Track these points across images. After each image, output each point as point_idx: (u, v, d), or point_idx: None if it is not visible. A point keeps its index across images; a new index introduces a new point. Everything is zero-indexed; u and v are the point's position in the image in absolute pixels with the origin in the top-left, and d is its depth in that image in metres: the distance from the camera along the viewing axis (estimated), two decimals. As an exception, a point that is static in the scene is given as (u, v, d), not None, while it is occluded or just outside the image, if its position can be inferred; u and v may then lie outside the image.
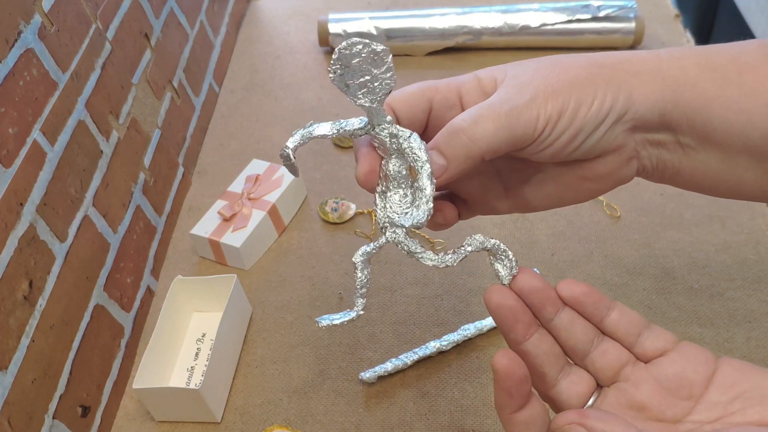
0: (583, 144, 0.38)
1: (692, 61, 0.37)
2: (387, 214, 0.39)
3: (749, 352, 0.56)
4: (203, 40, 0.90)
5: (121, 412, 0.59)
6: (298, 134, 0.38)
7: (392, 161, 0.38)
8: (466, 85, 0.40)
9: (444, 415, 0.55)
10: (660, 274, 0.62)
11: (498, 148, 0.37)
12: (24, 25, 0.52)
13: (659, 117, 0.37)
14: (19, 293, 0.48)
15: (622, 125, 0.38)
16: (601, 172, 0.40)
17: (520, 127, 0.36)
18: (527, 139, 0.37)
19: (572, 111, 0.37)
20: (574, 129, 0.37)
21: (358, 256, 0.40)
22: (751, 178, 0.38)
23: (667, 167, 0.40)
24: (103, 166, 0.61)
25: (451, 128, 0.37)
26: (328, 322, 0.41)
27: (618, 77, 0.37)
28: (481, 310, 0.61)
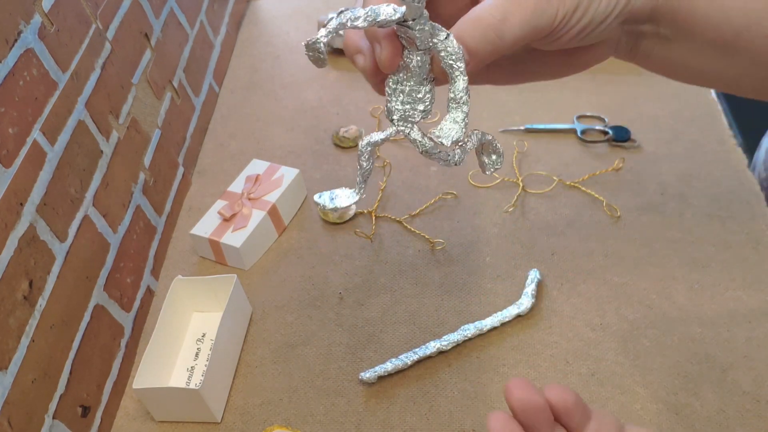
0: (587, 37, 0.39)
1: None
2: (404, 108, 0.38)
3: (749, 352, 0.56)
4: (203, 40, 0.89)
5: (121, 412, 0.59)
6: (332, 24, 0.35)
7: (417, 55, 0.36)
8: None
9: (444, 415, 0.55)
10: (660, 274, 0.62)
11: (522, 41, 0.37)
12: (24, 25, 0.52)
13: (650, 11, 0.40)
14: (19, 293, 0.48)
15: (620, 18, 0.39)
16: (585, 59, 0.43)
17: (543, 22, 0.37)
18: (545, 32, 0.38)
19: (585, 5, 0.38)
20: (585, 21, 0.38)
21: (365, 145, 0.39)
22: (713, 68, 0.41)
23: (639, 52, 0.43)
24: (103, 166, 0.61)
25: (478, 21, 0.36)
26: (332, 204, 0.40)
27: None
28: (481, 310, 0.61)
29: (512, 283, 0.63)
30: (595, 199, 0.70)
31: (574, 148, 0.76)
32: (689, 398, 0.53)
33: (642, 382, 0.55)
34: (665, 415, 0.52)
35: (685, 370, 0.55)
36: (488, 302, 0.62)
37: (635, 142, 0.75)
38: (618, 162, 0.72)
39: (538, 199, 0.71)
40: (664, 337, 0.58)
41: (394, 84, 0.38)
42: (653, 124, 0.77)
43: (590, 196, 0.70)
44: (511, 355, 0.58)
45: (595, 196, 0.70)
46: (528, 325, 0.60)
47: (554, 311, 0.61)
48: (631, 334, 0.58)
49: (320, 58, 0.35)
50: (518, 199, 0.71)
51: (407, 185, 0.74)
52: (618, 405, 0.53)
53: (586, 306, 0.61)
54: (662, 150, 0.74)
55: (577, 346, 0.58)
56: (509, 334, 0.59)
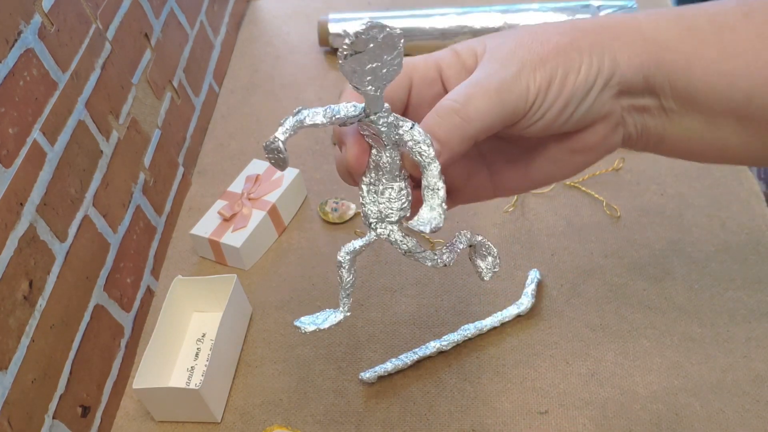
0: (574, 113, 0.37)
1: (671, 23, 0.37)
2: (380, 209, 0.36)
3: (749, 352, 0.56)
4: (203, 40, 0.90)
5: (121, 412, 0.59)
6: (288, 123, 0.34)
7: (386, 152, 0.35)
8: (444, 60, 0.39)
9: (444, 415, 0.55)
10: (660, 274, 0.62)
11: (492, 125, 0.36)
12: (24, 25, 0.52)
13: (643, 80, 0.37)
14: (19, 293, 0.48)
15: (609, 90, 0.37)
16: (590, 142, 0.39)
17: (512, 101, 0.35)
18: (519, 113, 0.36)
19: (561, 79, 0.36)
20: (565, 97, 0.36)
21: (344, 255, 0.37)
22: (735, 141, 0.38)
23: (651, 134, 0.40)
24: (103, 166, 0.61)
25: (441, 109, 0.36)
26: (313, 327, 0.38)
27: (600, 42, 0.37)
28: (481, 310, 0.61)
29: (512, 283, 0.63)
30: (595, 199, 0.70)
31: (574, 148, 0.76)
32: (689, 398, 0.53)
33: (642, 382, 0.55)
34: (665, 415, 0.52)
35: (684, 370, 0.55)
36: (488, 302, 0.62)
37: (635, 142, 0.75)
38: (618, 162, 0.72)
39: (537, 200, 0.71)
40: (664, 337, 0.57)
41: (366, 186, 0.37)
42: (653, 124, 0.77)
43: (590, 196, 0.70)
44: (511, 355, 0.58)
45: (595, 196, 0.70)
46: (528, 325, 0.60)
47: (554, 311, 0.61)
48: (631, 334, 0.58)
49: (281, 159, 0.33)
50: (518, 199, 0.71)
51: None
52: (618, 405, 0.53)
53: (586, 306, 0.61)
54: (662, 150, 0.74)
55: (577, 346, 0.58)
56: (509, 334, 0.59)
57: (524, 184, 0.42)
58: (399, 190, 0.36)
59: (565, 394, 0.55)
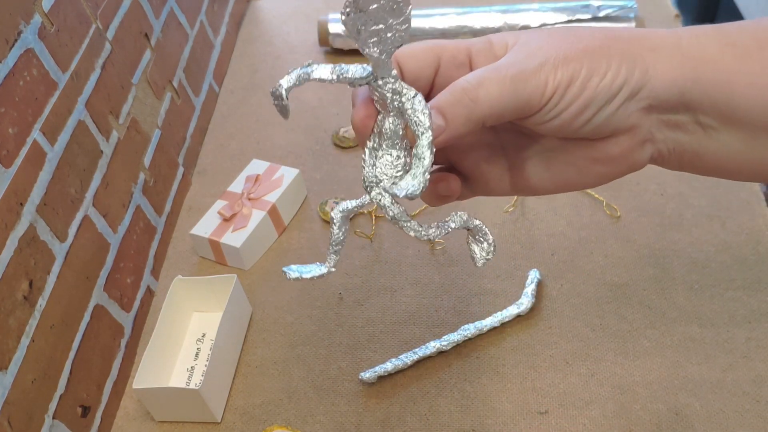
0: (593, 118, 0.36)
1: (711, 38, 0.36)
2: (376, 174, 0.37)
3: (749, 352, 0.56)
4: (203, 40, 0.90)
5: (121, 412, 0.59)
6: (295, 73, 0.35)
7: (389, 119, 0.36)
8: (476, 45, 0.39)
9: (444, 415, 0.55)
10: (660, 274, 0.62)
11: (501, 112, 0.36)
12: (24, 25, 0.52)
13: (678, 96, 0.36)
14: (19, 293, 0.48)
15: (636, 103, 0.36)
16: (612, 153, 0.39)
17: (527, 92, 0.35)
18: (533, 106, 0.36)
19: (583, 80, 0.35)
20: (584, 100, 0.35)
21: (337, 212, 0.38)
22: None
23: (686, 151, 0.38)
24: (103, 166, 0.61)
25: (453, 88, 0.36)
26: (297, 274, 0.39)
27: (634, 51, 0.36)
28: (481, 310, 0.61)
29: (512, 283, 0.63)
30: (595, 199, 0.70)
31: (574, 148, 0.76)
32: (689, 398, 0.53)
33: (642, 382, 0.55)
34: (665, 415, 0.52)
35: (685, 370, 0.55)
36: (488, 302, 0.62)
37: (635, 142, 0.75)
38: (618, 162, 0.72)
39: (537, 199, 0.71)
40: (664, 337, 0.58)
41: (368, 150, 0.37)
42: (653, 124, 0.77)
43: (590, 196, 0.70)
44: (511, 355, 0.58)
45: (595, 196, 0.70)
46: (528, 325, 0.60)
47: (554, 311, 0.61)
48: (631, 334, 0.58)
49: (282, 106, 0.35)
50: (518, 199, 0.71)
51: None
52: (618, 405, 0.53)
53: (586, 306, 0.61)
54: (662, 150, 0.74)
55: (577, 347, 0.58)
56: (509, 334, 0.59)
57: (542, 185, 0.42)
58: (396, 157, 0.37)
59: (565, 394, 0.55)
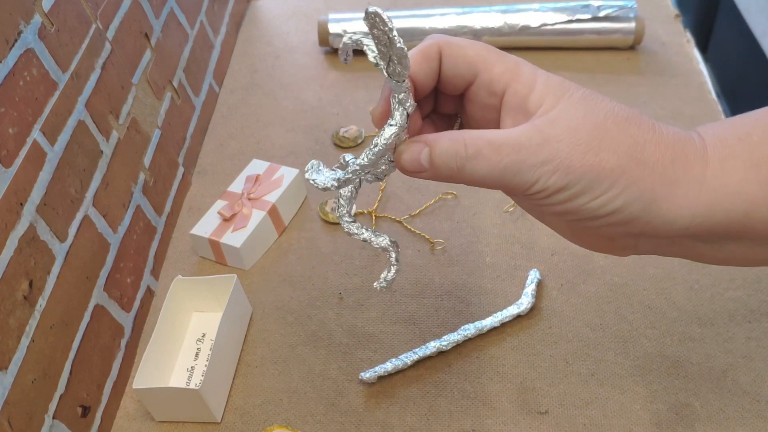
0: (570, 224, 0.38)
1: (736, 160, 0.34)
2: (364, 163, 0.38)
3: (749, 352, 0.56)
4: (203, 40, 0.90)
5: (121, 412, 0.59)
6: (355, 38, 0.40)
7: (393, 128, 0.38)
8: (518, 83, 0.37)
9: (444, 415, 0.55)
10: (660, 274, 0.62)
11: (482, 184, 0.37)
12: (24, 25, 0.52)
13: (683, 229, 0.35)
14: (19, 293, 0.48)
15: (624, 227, 0.36)
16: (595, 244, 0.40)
17: (513, 182, 0.35)
18: (517, 191, 0.36)
19: (574, 193, 0.35)
20: (565, 208, 0.36)
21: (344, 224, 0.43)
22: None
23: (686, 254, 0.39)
24: (103, 166, 0.61)
25: (452, 144, 0.36)
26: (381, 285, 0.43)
27: (649, 182, 0.34)
28: (481, 310, 0.61)
29: (512, 283, 0.63)
30: (595, 199, 0.69)
31: (574, 148, 0.76)
32: (689, 398, 0.53)
33: (642, 382, 0.55)
34: (665, 415, 0.52)
35: (685, 370, 0.55)
36: (488, 302, 0.62)
37: (635, 142, 0.75)
38: (618, 162, 0.72)
39: (538, 199, 0.71)
40: (664, 337, 0.58)
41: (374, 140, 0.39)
42: (653, 124, 0.77)
43: (590, 196, 0.70)
44: (511, 355, 0.58)
45: (595, 196, 0.70)
46: (528, 325, 0.60)
47: (554, 311, 0.61)
48: (631, 334, 0.58)
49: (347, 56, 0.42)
50: (518, 199, 0.71)
51: (407, 185, 0.74)
52: (618, 405, 0.53)
53: (586, 306, 0.61)
54: (662, 150, 0.74)
55: (577, 346, 0.58)
56: (509, 334, 0.59)
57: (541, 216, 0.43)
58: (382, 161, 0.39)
59: (565, 394, 0.55)
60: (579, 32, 0.87)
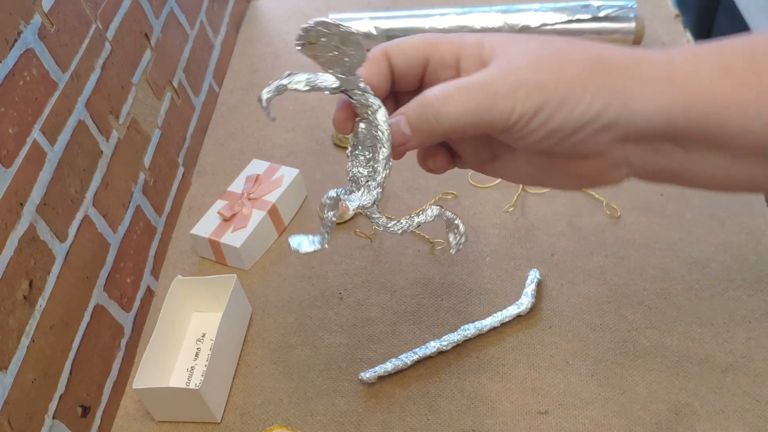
0: (557, 145, 0.37)
1: (707, 62, 0.35)
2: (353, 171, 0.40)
3: (749, 352, 0.56)
4: (203, 40, 0.90)
5: (121, 412, 0.59)
6: (274, 85, 0.38)
7: (362, 123, 0.39)
8: (466, 48, 0.38)
9: (444, 415, 0.55)
10: (660, 274, 0.62)
11: (463, 129, 0.37)
12: (24, 25, 0.52)
13: (662, 127, 0.36)
14: (19, 293, 0.48)
15: (608, 133, 0.36)
16: (584, 171, 0.39)
17: (491, 115, 0.36)
18: (496, 128, 0.36)
19: (552, 110, 0.35)
20: (549, 128, 0.36)
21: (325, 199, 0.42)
22: (759, 174, 0.37)
23: (665, 172, 0.39)
24: (103, 166, 0.61)
25: (421, 100, 0.37)
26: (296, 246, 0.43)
27: (617, 83, 0.35)
28: (481, 310, 0.61)
29: (512, 283, 0.63)
30: (595, 199, 0.70)
31: (574, 148, 0.76)
32: (689, 398, 0.53)
33: (642, 382, 0.55)
34: (665, 415, 0.52)
35: (685, 370, 0.55)
36: (488, 302, 0.62)
37: (635, 142, 0.75)
38: (618, 162, 0.72)
39: (538, 199, 0.71)
40: (664, 337, 0.58)
41: (351, 147, 0.40)
42: (653, 124, 0.77)
43: (590, 196, 0.70)
44: (511, 355, 0.58)
45: (595, 196, 0.70)
46: (528, 325, 0.60)
47: (554, 311, 0.61)
48: (631, 334, 0.58)
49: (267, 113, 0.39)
50: (518, 199, 0.71)
51: (407, 185, 0.74)
52: (618, 405, 0.53)
53: (586, 306, 0.61)
54: (662, 150, 0.74)
55: (577, 346, 0.58)
56: (509, 334, 0.59)
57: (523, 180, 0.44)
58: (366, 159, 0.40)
59: (565, 394, 0.55)
60: (579, 32, 0.87)
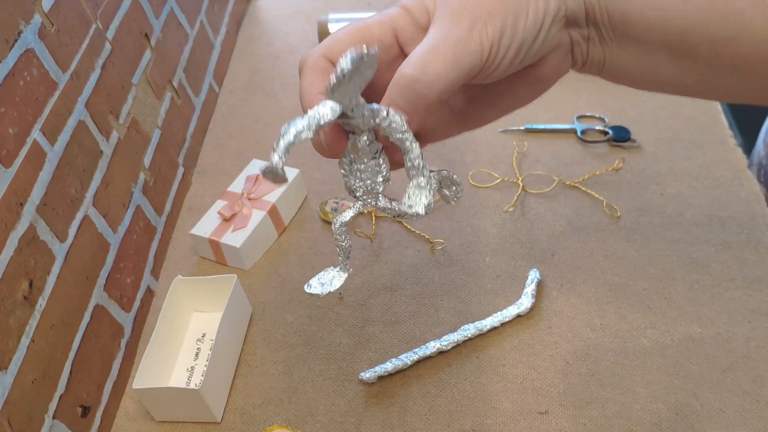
0: (527, 54, 0.38)
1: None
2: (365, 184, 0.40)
3: (749, 352, 0.56)
4: (203, 40, 0.90)
5: (121, 412, 0.59)
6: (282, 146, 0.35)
7: (364, 136, 0.38)
8: (398, 21, 0.39)
9: (444, 415, 0.55)
10: (660, 274, 0.62)
11: (452, 86, 0.37)
12: (24, 25, 0.52)
13: (584, 11, 0.38)
14: (19, 293, 0.48)
15: (557, 24, 0.38)
16: (546, 72, 0.41)
17: (468, 60, 0.36)
18: (476, 69, 0.37)
19: (511, 27, 0.36)
20: (517, 44, 0.37)
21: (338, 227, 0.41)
22: (669, 73, 0.39)
23: (594, 62, 0.41)
24: (103, 166, 0.61)
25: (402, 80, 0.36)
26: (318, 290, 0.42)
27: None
28: (481, 310, 0.61)
29: (512, 283, 0.63)
30: (595, 199, 0.70)
31: (574, 148, 0.76)
32: (689, 398, 0.53)
33: (642, 382, 0.55)
34: (665, 415, 0.52)
35: (685, 370, 0.55)
36: (488, 302, 0.62)
37: (635, 142, 0.75)
38: (618, 162, 0.72)
39: (538, 199, 0.71)
40: (664, 337, 0.58)
41: (348, 164, 0.40)
42: (653, 124, 0.77)
43: (590, 196, 0.70)
44: (511, 355, 0.58)
45: (595, 196, 0.70)
46: (528, 325, 0.60)
47: (554, 311, 0.61)
48: (631, 334, 0.58)
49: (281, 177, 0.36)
50: (518, 199, 0.71)
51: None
52: (618, 405, 0.53)
53: (586, 306, 0.61)
54: (662, 150, 0.74)
55: (577, 346, 0.58)
56: (509, 334, 0.59)
57: (486, 118, 0.44)
58: (376, 164, 0.40)
59: (565, 394, 0.55)
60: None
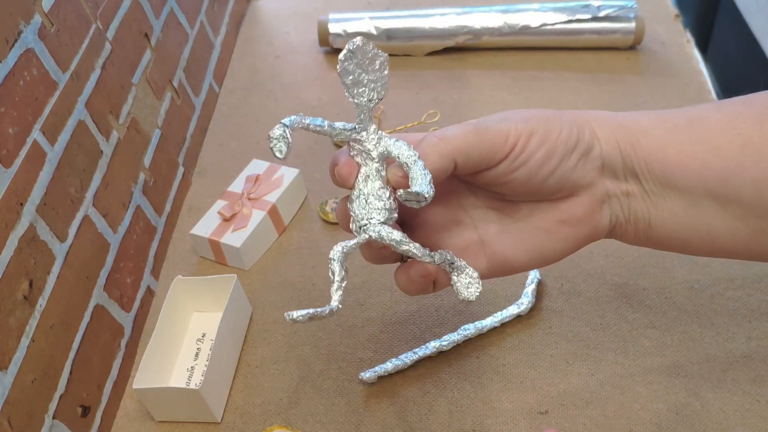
0: (556, 169, 0.39)
1: (645, 115, 0.40)
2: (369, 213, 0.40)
3: (749, 351, 0.56)
4: (203, 40, 0.90)
5: (121, 412, 0.59)
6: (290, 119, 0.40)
7: (374, 164, 0.40)
8: None
9: (444, 415, 0.55)
10: (660, 274, 0.62)
11: (468, 152, 0.38)
12: (24, 25, 0.52)
13: (622, 160, 0.39)
14: (19, 293, 0.48)
15: (591, 162, 0.40)
16: (576, 213, 0.41)
17: (490, 136, 0.38)
18: (498, 150, 0.38)
19: (543, 134, 0.38)
20: (547, 150, 0.38)
21: (337, 252, 0.41)
22: (720, 225, 0.39)
23: (639, 219, 0.41)
24: (103, 166, 0.61)
25: (424, 138, 0.40)
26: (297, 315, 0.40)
27: (580, 119, 0.40)
28: (481, 310, 0.61)
29: (512, 283, 0.63)
30: (595, 199, 0.69)
31: (574, 148, 0.76)
32: (689, 398, 0.53)
33: (642, 382, 0.55)
34: (665, 415, 0.52)
35: (685, 370, 0.55)
36: (488, 302, 0.62)
37: (635, 142, 0.75)
38: (618, 162, 0.72)
39: (538, 199, 0.71)
40: (664, 337, 0.58)
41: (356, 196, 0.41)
42: (653, 124, 0.77)
43: (590, 196, 0.70)
44: (511, 355, 0.58)
45: (595, 196, 0.70)
46: (528, 325, 0.60)
47: (554, 311, 0.61)
48: (631, 334, 0.58)
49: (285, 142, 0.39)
50: (518, 199, 0.71)
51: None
52: (618, 405, 0.53)
53: (586, 306, 0.61)
54: (662, 150, 0.74)
55: (577, 346, 0.58)
56: (509, 334, 0.59)
57: (516, 256, 0.43)
58: (387, 197, 0.40)
59: (565, 394, 0.55)
60: (579, 32, 0.87)
